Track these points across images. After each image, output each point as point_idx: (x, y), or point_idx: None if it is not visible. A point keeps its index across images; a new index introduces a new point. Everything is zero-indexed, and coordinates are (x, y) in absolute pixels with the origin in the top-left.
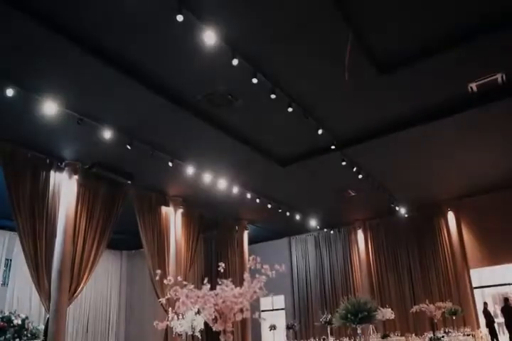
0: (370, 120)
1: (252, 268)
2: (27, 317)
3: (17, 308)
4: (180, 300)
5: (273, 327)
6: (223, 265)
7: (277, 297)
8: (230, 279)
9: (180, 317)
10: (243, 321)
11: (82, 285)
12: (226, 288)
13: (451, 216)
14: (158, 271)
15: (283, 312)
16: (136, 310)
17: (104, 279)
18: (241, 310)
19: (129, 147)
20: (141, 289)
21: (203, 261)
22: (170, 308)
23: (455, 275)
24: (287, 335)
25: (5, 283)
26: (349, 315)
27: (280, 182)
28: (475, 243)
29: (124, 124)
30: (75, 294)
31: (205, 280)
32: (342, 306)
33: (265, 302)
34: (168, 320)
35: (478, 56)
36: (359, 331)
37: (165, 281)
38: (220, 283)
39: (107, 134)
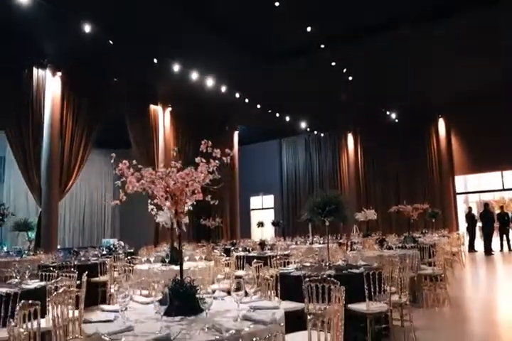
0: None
1: (204, 151)
2: (2, 204)
3: (14, 204)
4: (128, 179)
5: (261, 224)
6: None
7: (267, 196)
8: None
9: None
10: (233, 218)
11: (72, 180)
12: (174, 170)
13: (441, 123)
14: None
15: (272, 210)
16: (130, 205)
17: (99, 177)
18: (193, 193)
19: (111, 42)
20: None
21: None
22: (120, 190)
23: (440, 180)
24: (275, 231)
25: (1, 180)
26: (315, 208)
27: (269, 81)
28: (463, 150)
29: (107, 20)
30: (66, 189)
31: None
32: (310, 199)
33: (255, 202)
34: (120, 200)
35: None
36: (327, 223)
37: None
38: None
39: (88, 28)
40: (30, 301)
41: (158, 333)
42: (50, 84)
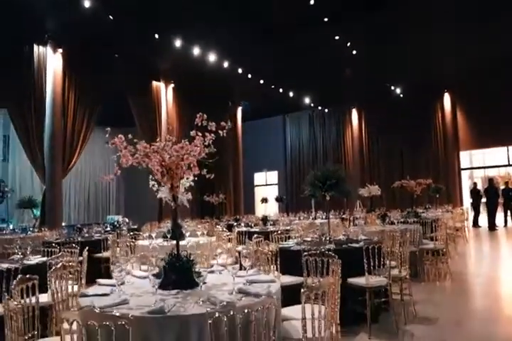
0: None
1: (198, 124)
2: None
3: (20, 183)
4: (122, 153)
5: (264, 201)
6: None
7: (271, 172)
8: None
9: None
10: (237, 195)
11: (75, 158)
12: (169, 143)
13: (446, 98)
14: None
15: (276, 187)
16: (135, 182)
17: (103, 155)
18: (189, 167)
19: (111, 17)
20: None
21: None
22: (115, 164)
23: (445, 156)
24: (279, 207)
25: (5, 159)
26: (316, 182)
27: (272, 57)
28: (468, 126)
29: None
30: (69, 166)
31: None
32: (311, 173)
33: (259, 178)
34: (114, 174)
35: None
36: (328, 198)
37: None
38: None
39: (88, 3)
40: (28, 275)
41: (153, 306)
42: (51, 61)
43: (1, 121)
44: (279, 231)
